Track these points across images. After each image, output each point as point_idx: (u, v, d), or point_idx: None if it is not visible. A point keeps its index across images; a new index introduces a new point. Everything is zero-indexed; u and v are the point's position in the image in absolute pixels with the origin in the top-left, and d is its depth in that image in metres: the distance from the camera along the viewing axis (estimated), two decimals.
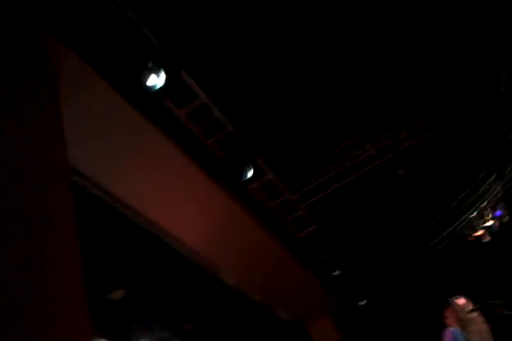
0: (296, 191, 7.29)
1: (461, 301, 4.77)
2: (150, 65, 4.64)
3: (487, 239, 9.63)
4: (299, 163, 7.11)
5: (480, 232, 9.63)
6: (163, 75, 4.69)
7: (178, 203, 5.68)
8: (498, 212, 9.47)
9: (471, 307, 4.68)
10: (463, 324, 4.58)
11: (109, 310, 6.50)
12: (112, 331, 6.48)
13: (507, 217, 9.42)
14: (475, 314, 4.66)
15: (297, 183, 7.24)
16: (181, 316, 7.95)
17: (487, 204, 9.43)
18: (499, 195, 9.31)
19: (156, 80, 4.72)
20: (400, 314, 10.28)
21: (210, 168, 5.67)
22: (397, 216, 9.30)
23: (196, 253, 6.57)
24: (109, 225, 5.88)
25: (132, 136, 4.70)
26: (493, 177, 9.12)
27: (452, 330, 4.57)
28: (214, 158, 5.81)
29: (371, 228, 9.08)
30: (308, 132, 6.70)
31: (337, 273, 9.38)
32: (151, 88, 4.74)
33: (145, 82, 4.68)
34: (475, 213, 9.49)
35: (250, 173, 6.05)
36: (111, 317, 6.52)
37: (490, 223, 9.50)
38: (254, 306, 8.85)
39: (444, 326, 4.74)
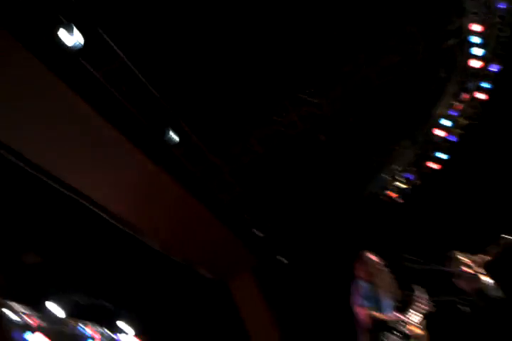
0: (221, 155, 7.35)
1: (372, 255, 4.93)
2: (64, 22, 4.40)
3: (399, 200, 10.22)
4: (223, 127, 7.13)
5: (393, 194, 10.18)
6: (78, 34, 4.48)
7: (98, 166, 5.55)
8: (411, 176, 10.04)
9: (380, 261, 4.88)
10: (371, 277, 4.74)
11: (22, 273, 6.38)
12: (25, 294, 6.39)
13: (418, 181, 10.00)
14: (384, 268, 4.86)
15: (221, 147, 7.27)
16: (100, 278, 7.94)
17: (400, 167, 9.98)
18: (412, 160, 9.86)
19: (72, 39, 4.51)
20: (318, 268, 10.80)
21: (130, 131, 5.55)
22: (319, 178, 9.63)
23: (118, 215, 6.52)
24: (25, 188, 5.70)
25: (43, 95, 4.49)
26: (408, 142, 9.62)
27: (360, 282, 4.75)
28: (135, 120, 5.68)
29: (294, 191, 9.35)
30: (234, 98, 6.70)
31: (258, 233, 9.68)
32: (65, 46, 4.53)
33: (59, 41, 4.45)
34: (388, 176, 10.03)
35: (173, 136, 5.99)
36: (24, 281, 6.40)
37: (402, 186, 10.08)
38: (176, 266, 8.98)
39: (354, 277, 4.91)
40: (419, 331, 5.98)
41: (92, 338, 7.58)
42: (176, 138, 5.99)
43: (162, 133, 5.89)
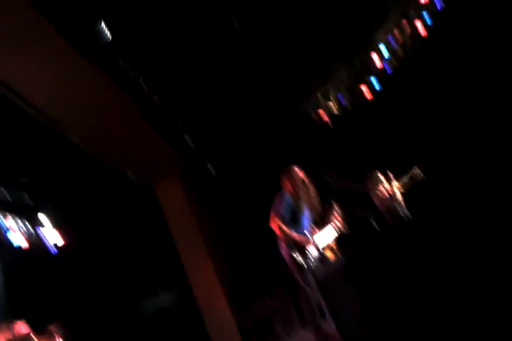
0: (154, 55, 7.16)
1: (297, 169, 5.15)
2: None
3: (330, 124, 10.55)
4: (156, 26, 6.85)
5: (324, 117, 10.47)
6: None
7: (20, 54, 5.28)
8: (344, 102, 10.29)
9: (306, 176, 5.08)
10: (296, 189, 4.99)
11: None
12: None
13: (349, 108, 10.29)
14: (309, 183, 5.08)
15: (154, 46, 7.05)
16: (23, 171, 7.87)
17: (336, 92, 10.17)
18: (346, 82, 10.04)
19: None
20: (246, 178, 11.17)
21: (59, 22, 5.23)
22: (254, 90, 9.67)
23: (40, 109, 6.34)
24: None
25: None
26: (344, 67, 9.72)
27: (284, 194, 4.99)
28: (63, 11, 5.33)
29: (225, 97, 9.36)
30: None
31: (189, 139, 9.79)
32: None
33: None
34: (323, 97, 10.23)
35: (103, 29, 5.69)
36: None
37: (334, 110, 10.35)
38: (102, 166, 9.01)
39: (280, 188, 5.12)
40: (330, 245, 6.49)
41: (10, 229, 7.65)
42: (108, 35, 5.70)
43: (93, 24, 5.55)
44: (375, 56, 9.16)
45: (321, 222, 5.18)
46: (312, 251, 4.77)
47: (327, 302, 1.91)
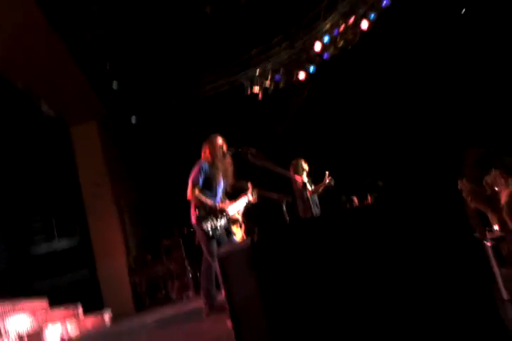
0: None
1: (220, 138, 5.11)
2: None
3: (260, 96, 10.69)
4: None
5: (256, 89, 10.60)
6: None
7: None
8: (277, 77, 10.45)
9: (226, 146, 5.13)
10: (214, 159, 4.95)
11: None
12: None
13: (282, 84, 10.49)
14: (228, 153, 5.14)
15: None
16: None
17: (271, 66, 10.32)
18: (285, 62, 10.21)
19: None
20: (166, 135, 11.10)
21: None
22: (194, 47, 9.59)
23: None
24: None
25: None
26: (284, 44, 9.87)
27: (202, 162, 4.96)
28: None
29: (163, 50, 9.21)
30: None
31: (115, 84, 9.58)
32: None
33: None
34: (258, 70, 10.34)
35: None
36: None
37: (267, 84, 10.50)
38: (17, 95, 8.66)
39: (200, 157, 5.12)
40: (236, 215, 6.68)
41: None
42: None
43: None
44: (317, 43, 9.35)
45: (233, 194, 5.26)
46: (222, 222, 4.87)
47: (223, 275, 2.00)
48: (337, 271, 1.70)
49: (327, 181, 7.02)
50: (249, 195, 5.41)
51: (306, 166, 7.07)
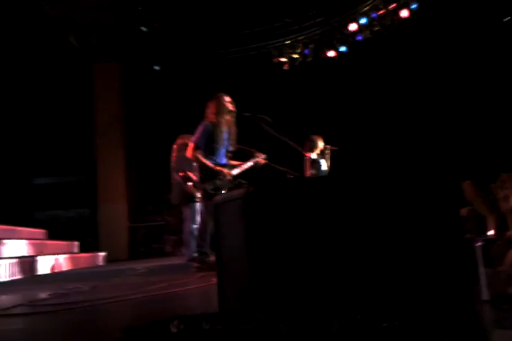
0: None
1: (226, 97, 4.97)
2: None
3: (286, 67, 10.68)
4: None
5: (284, 59, 10.58)
6: None
7: None
8: (306, 51, 10.43)
9: (231, 105, 4.95)
10: (218, 117, 4.84)
11: None
12: None
13: (310, 58, 10.46)
14: (234, 111, 4.94)
15: None
16: None
17: (303, 39, 10.27)
18: (316, 37, 10.17)
19: None
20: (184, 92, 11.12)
21: None
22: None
23: None
24: None
25: None
26: (321, 19, 9.80)
27: (206, 122, 4.85)
28: None
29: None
30: None
31: (144, 29, 9.58)
32: None
33: None
34: (289, 42, 10.31)
35: None
36: None
37: (295, 56, 10.48)
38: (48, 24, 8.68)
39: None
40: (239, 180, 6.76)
41: None
42: None
43: None
44: (353, 24, 9.31)
45: (231, 157, 5.22)
46: (223, 183, 4.85)
47: (216, 222, 2.05)
48: (323, 230, 1.71)
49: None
50: (258, 159, 5.26)
51: (321, 144, 7.01)
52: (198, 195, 5.70)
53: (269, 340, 1.40)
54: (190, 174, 5.91)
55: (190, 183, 5.88)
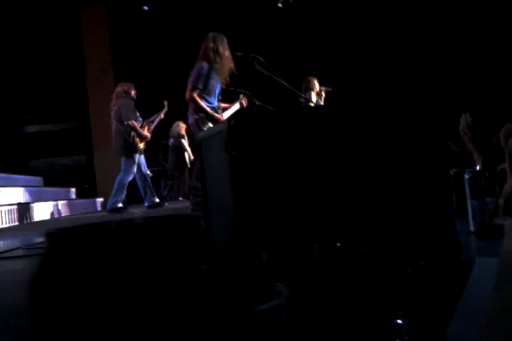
0: None
1: (222, 36, 4.73)
2: None
3: (280, 5, 10.35)
4: None
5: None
6: None
7: None
8: None
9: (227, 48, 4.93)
10: (217, 58, 4.58)
11: None
12: None
13: None
14: (229, 55, 4.95)
15: None
16: None
17: None
18: None
19: None
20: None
21: None
22: None
23: None
24: None
25: None
26: None
27: (203, 63, 4.56)
28: None
29: None
30: None
31: None
32: None
33: None
34: None
35: None
36: None
37: None
38: None
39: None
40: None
41: None
42: None
43: None
44: None
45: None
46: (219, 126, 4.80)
47: (200, 158, 2.05)
48: (305, 159, 1.71)
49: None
50: (243, 101, 5.14)
51: (317, 85, 6.92)
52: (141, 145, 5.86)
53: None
54: (135, 123, 5.94)
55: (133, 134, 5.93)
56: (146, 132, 6.30)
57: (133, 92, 6.44)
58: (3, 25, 9.54)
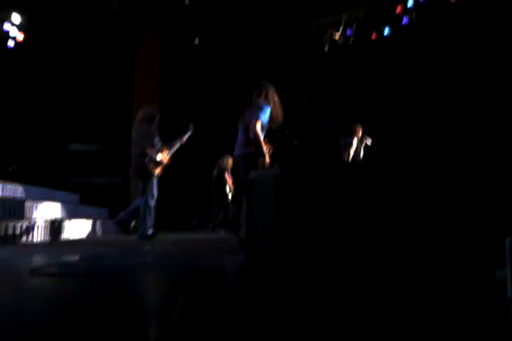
0: None
1: (271, 86, 4.97)
2: None
3: (325, 48, 10.57)
4: None
5: (324, 39, 10.45)
6: None
7: None
8: (349, 31, 10.26)
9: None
10: (270, 104, 4.87)
11: None
12: None
13: (352, 40, 10.29)
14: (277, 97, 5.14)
15: None
16: None
17: (346, 18, 10.08)
18: (359, 17, 9.96)
19: None
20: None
21: None
22: None
23: None
24: None
25: None
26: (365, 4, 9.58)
27: (265, 103, 4.81)
28: None
29: None
30: None
31: (186, 1, 9.56)
32: None
33: None
34: (333, 21, 10.13)
35: None
36: None
37: (336, 36, 10.32)
38: None
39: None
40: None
41: None
42: None
43: None
44: (399, 6, 9.09)
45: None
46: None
47: (248, 198, 2.19)
48: (349, 212, 1.78)
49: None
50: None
51: (360, 133, 7.15)
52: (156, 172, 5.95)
53: None
54: (150, 150, 6.00)
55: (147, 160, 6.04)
56: (164, 155, 6.21)
57: (157, 118, 6.30)
58: (62, 46, 10.02)
